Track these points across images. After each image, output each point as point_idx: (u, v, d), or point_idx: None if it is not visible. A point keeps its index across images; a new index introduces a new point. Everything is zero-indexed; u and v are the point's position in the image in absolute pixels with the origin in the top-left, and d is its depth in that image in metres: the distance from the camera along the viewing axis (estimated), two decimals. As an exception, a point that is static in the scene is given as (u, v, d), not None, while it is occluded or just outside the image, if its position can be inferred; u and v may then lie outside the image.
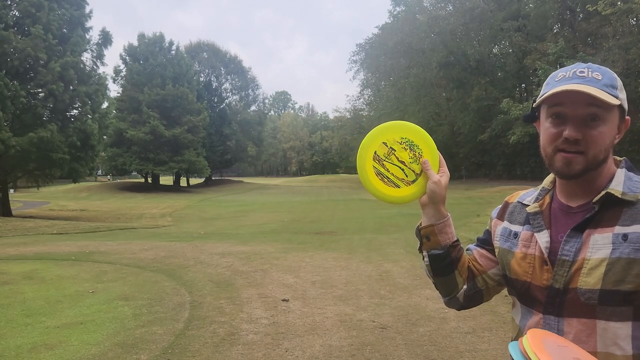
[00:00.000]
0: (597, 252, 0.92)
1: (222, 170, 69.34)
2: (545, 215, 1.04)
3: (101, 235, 13.14)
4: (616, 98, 0.95)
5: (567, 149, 0.96)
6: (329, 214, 19.95)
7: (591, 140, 0.95)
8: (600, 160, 0.97)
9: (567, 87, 0.94)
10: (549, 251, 0.99)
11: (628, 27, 28.40)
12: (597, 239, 0.94)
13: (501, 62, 41.49)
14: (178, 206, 27.67)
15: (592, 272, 0.92)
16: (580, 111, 0.95)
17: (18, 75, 19.58)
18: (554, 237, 1.00)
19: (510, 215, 1.13)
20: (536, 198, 1.09)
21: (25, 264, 7.77)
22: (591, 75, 0.96)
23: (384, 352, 3.80)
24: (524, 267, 1.03)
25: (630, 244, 0.89)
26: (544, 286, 0.98)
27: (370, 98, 52.86)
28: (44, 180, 23.47)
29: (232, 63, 58.30)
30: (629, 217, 0.92)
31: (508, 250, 1.09)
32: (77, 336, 4.20)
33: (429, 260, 1.14)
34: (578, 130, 0.95)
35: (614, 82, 0.97)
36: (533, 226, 1.05)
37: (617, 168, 1.02)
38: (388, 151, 1.15)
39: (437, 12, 41.94)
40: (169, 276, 6.72)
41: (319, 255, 8.39)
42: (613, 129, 0.99)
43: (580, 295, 0.93)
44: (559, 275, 0.96)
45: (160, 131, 41.15)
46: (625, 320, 0.90)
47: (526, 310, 1.05)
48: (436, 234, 1.12)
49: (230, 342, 4.03)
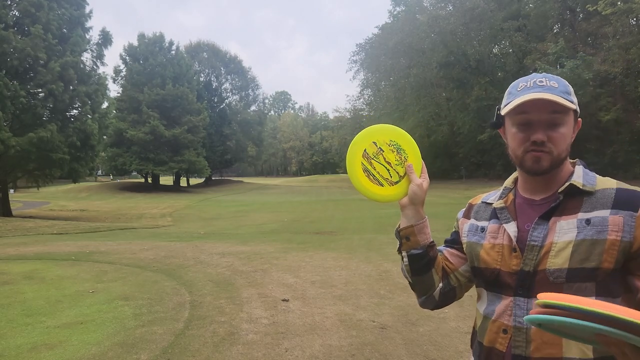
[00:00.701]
0: (563, 236, 1.05)
1: (222, 170, 69.36)
2: (510, 209, 1.17)
3: (101, 235, 13.15)
4: (571, 102, 1.08)
5: (535, 150, 1.08)
6: (328, 214, 19.95)
7: (555, 140, 1.08)
8: (563, 157, 1.10)
9: (533, 96, 1.06)
10: (517, 239, 1.10)
11: (628, 27, 28.41)
12: (562, 224, 1.06)
13: (501, 62, 41.49)
14: (178, 206, 27.68)
15: (559, 253, 1.04)
16: (544, 116, 1.07)
17: (18, 75, 19.58)
18: (521, 227, 1.12)
19: (476, 214, 1.25)
20: (500, 196, 1.21)
21: (26, 264, 7.77)
22: (549, 84, 1.09)
23: (383, 352, 3.80)
24: (492, 256, 1.14)
25: (593, 227, 1.03)
26: (513, 271, 1.09)
27: (370, 98, 52.87)
28: (44, 180, 23.48)
29: (232, 63, 58.32)
30: (590, 205, 1.06)
31: (476, 242, 1.20)
32: (77, 336, 4.21)
33: (408, 260, 1.22)
34: (543, 133, 1.08)
35: (568, 89, 1.10)
36: (500, 219, 1.16)
37: (574, 166, 1.15)
38: (377, 151, 1.22)
39: (437, 12, 41.93)
40: (169, 276, 6.73)
41: (318, 255, 8.39)
42: (570, 130, 1.11)
43: (549, 275, 1.04)
44: (528, 259, 1.07)
45: (160, 131, 41.16)
46: (589, 295, 1.02)
47: (494, 297, 1.14)
48: (415, 234, 1.21)
49: (230, 342, 4.03)
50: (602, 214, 1.03)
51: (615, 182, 1.09)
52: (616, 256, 1.01)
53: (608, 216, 1.03)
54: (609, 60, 27.03)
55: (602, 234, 1.01)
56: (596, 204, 1.05)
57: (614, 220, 1.02)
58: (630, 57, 26.06)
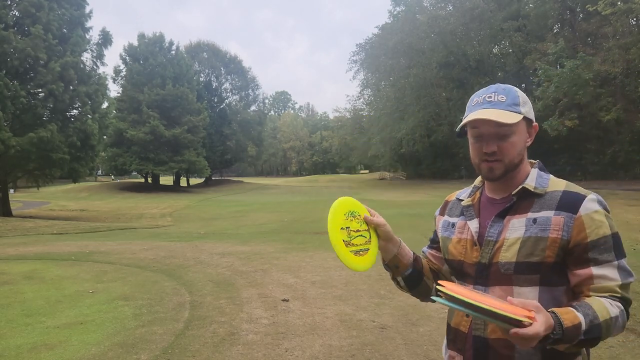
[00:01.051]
0: (514, 232, 1.18)
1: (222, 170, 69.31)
2: (475, 207, 1.32)
3: (101, 235, 13.15)
4: (518, 113, 1.20)
5: (488, 159, 1.22)
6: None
7: (505, 150, 1.20)
8: (515, 163, 1.23)
9: (475, 117, 1.19)
10: (478, 234, 1.26)
11: (628, 27, 28.38)
12: (514, 222, 1.20)
13: (501, 62, 41.48)
14: (178, 206, 27.68)
15: (509, 248, 1.18)
16: (492, 130, 1.20)
17: (18, 75, 19.57)
18: (482, 224, 1.27)
19: (450, 210, 1.41)
20: (469, 194, 1.36)
21: (25, 264, 7.77)
22: (497, 99, 1.21)
23: (383, 352, 3.80)
24: (458, 249, 1.30)
25: (538, 226, 1.16)
26: (474, 263, 1.24)
27: (370, 98, 52.81)
28: (44, 180, 23.47)
29: (232, 63, 58.27)
30: (539, 205, 1.19)
31: (447, 237, 1.36)
32: (77, 336, 4.20)
33: (404, 282, 1.39)
34: (493, 145, 1.20)
35: (517, 100, 1.22)
36: (466, 216, 1.32)
37: (532, 168, 1.27)
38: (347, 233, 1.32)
39: (437, 12, 41.91)
40: (169, 276, 6.72)
41: (318, 255, 8.39)
42: (522, 137, 1.23)
43: (501, 267, 1.19)
44: (485, 253, 1.22)
45: (160, 131, 41.13)
46: (534, 285, 1.16)
47: (460, 284, 1.29)
48: (400, 259, 1.37)
49: (230, 342, 4.03)
50: (547, 214, 1.16)
51: (564, 184, 1.21)
52: (557, 252, 1.14)
53: (552, 216, 1.16)
54: (609, 60, 27.00)
55: (545, 232, 1.15)
56: (544, 205, 1.18)
57: (556, 221, 1.15)
58: (630, 57, 26.02)
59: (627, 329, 4.12)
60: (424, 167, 50.14)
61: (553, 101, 28.65)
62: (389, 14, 49.49)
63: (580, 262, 1.14)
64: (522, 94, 1.24)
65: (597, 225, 1.14)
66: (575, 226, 1.14)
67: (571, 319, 1.04)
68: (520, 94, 1.23)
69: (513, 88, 1.24)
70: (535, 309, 1.00)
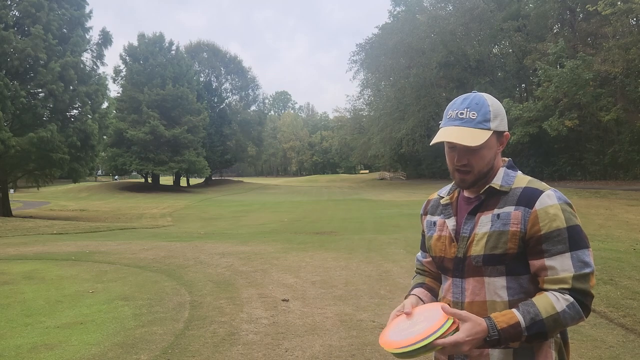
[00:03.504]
0: (482, 228, 1.29)
1: (222, 170, 69.36)
2: (453, 205, 1.41)
3: (101, 235, 13.14)
4: (487, 130, 1.28)
5: (460, 169, 1.32)
6: (329, 214, 19.94)
7: (475, 162, 1.30)
8: (485, 171, 1.32)
9: (444, 139, 1.29)
10: (455, 232, 1.36)
11: (628, 27, 28.37)
12: (483, 219, 1.30)
13: (501, 62, 41.45)
14: (178, 206, 27.68)
15: (478, 242, 1.29)
16: (463, 146, 1.29)
17: (18, 75, 19.58)
18: (459, 221, 1.37)
19: (432, 209, 1.51)
20: (448, 191, 1.46)
21: (25, 264, 7.76)
22: (468, 116, 1.29)
23: (384, 352, 3.79)
24: (438, 246, 1.40)
25: (501, 220, 1.27)
26: (452, 257, 1.35)
27: (370, 98, 52.84)
28: (44, 180, 23.47)
29: (232, 63, 58.30)
30: (503, 202, 1.29)
31: (430, 236, 1.46)
32: (77, 336, 4.20)
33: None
34: (463, 158, 1.31)
35: (487, 115, 1.29)
36: (445, 215, 1.42)
37: (501, 167, 1.36)
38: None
39: (437, 12, 41.90)
40: (169, 276, 6.72)
41: (319, 255, 8.38)
42: (492, 149, 1.32)
43: (472, 260, 1.29)
44: (460, 248, 1.33)
45: (160, 131, 41.14)
46: (501, 275, 1.27)
47: (444, 278, 1.43)
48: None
49: (230, 342, 4.03)
50: (508, 210, 1.27)
51: (526, 181, 1.31)
52: (518, 243, 1.24)
53: (512, 211, 1.26)
54: (609, 60, 26.99)
55: (507, 226, 1.25)
56: (507, 201, 1.29)
57: (515, 215, 1.25)
58: (630, 57, 25.99)
59: (627, 329, 4.12)
60: (424, 167, 50.17)
61: (553, 101, 28.65)
62: (389, 14, 49.58)
63: (535, 253, 1.23)
64: (494, 106, 1.31)
65: (551, 218, 1.22)
66: (531, 219, 1.23)
67: (507, 320, 1.16)
68: (492, 107, 1.30)
69: (487, 101, 1.30)
70: (463, 318, 1.15)
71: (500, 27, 36.25)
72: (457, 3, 40.29)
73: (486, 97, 1.32)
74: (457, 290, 1.34)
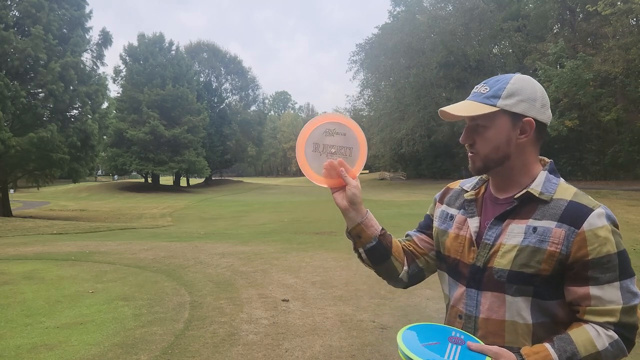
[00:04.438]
0: (511, 239, 1.11)
1: (222, 170, 69.36)
2: (478, 203, 1.24)
3: (101, 235, 13.14)
4: (492, 106, 1.12)
5: (469, 151, 1.19)
6: (329, 214, 19.93)
7: (479, 143, 1.16)
8: (495, 158, 1.16)
9: (443, 109, 1.17)
10: (477, 235, 1.18)
11: (628, 27, 28.37)
12: (513, 228, 1.12)
13: (501, 62, 41.44)
14: (178, 206, 27.67)
15: (505, 255, 1.11)
16: (468, 122, 1.17)
17: (18, 75, 19.58)
18: (482, 223, 1.19)
19: (450, 199, 1.33)
20: (474, 186, 1.28)
21: (25, 264, 7.76)
22: (480, 91, 1.16)
23: (384, 353, 3.79)
24: (455, 246, 1.23)
25: (537, 235, 1.08)
26: (469, 264, 1.18)
27: (370, 98, 52.83)
28: (44, 180, 23.48)
29: (232, 63, 58.31)
30: (541, 213, 1.10)
31: (444, 230, 1.28)
32: (77, 336, 4.20)
33: (366, 254, 1.28)
34: (468, 137, 1.18)
35: (499, 92, 1.13)
36: (467, 212, 1.24)
37: (542, 170, 1.18)
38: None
39: (437, 12, 41.89)
40: (169, 276, 6.72)
41: (319, 256, 8.38)
42: (500, 132, 1.14)
43: (494, 273, 1.12)
44: (480, 256, 1.15)
45: (160, 131, 41.14)
46: (527, 295, 1.09)
47: (454, 283, 1.24)
48: (364, 230, 1.26)
49: (230, 343, 4.02)
50: (549, 225, 1.08)
51: (572, 193, 1.12)
52: (554, 265, 1.07)
53: (553, 228, 1.08)
54: (609, 61, 26.99)
55: (544, 244, 1.07)
56: (546, 213, 1.10)
57: (556, 233, 1.07)
58: (630, 57, 26.00)
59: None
60: (424, 167, 50.16)
61: (553, 101, 28.61)
62: (388, 14, 49.52)
63: (578, 280, 1.06)
64: (517, 85, 1.14)
65: (601, 242, 1.05)
66: (576, 242, 1.05)
67: (540, 358, 1.01)
68: (512, 85, 1.14)
69: (511, 79, 1.14)
70: (494, 355, 1.01)
71: (500, 27, 36.26)
72: (457, 3, 40.28)
73: (517, 76, 1.15)
74: (471, 303, 1.16)
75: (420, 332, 1.08)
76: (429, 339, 1.05)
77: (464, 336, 1.07)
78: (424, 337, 1.06)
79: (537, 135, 1.16)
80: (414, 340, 1.04)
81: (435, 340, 1.05)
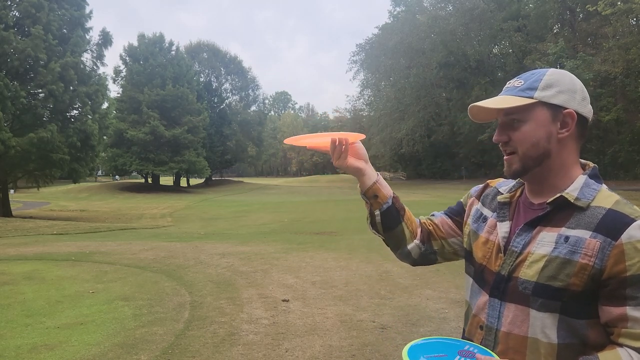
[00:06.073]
0: (541, 247, 1.01)
1: (222, 171, 69.33)
2: (512, 207, 1.14)
3: (101, 235, 13.14)
4: (528, 98, 1.03)
5: (505, 151, 1.08)
6: (329, 214, 19.94)
7: (517, 140, 1.05)
8: (535, 156, 1.05)
9: (473, 104, 1.08)
10: (505, 241, 1.09)
11: (628, 27, 28.40)
12: (544, 236, 1.02)
13: (501, 62, 41.50)
14: (178, 206, 27.68)
15: (532, 265, 1.01)
16: (502, 118, 1.07)
17: (18, 75, 19.59)
18: (513, 229, 1.09)
19: (486, 198, 1.23)
20: (510, 189, 1.18)
21: (26, 264, 7.76)
22: (513, 85, 1.07)
23: (384, 353, 3.79)
24: (483, 251, 1.13)
25: (569, 246, 0.97)
26: (495, 271, 1.08)
27: (370, 98, 52.88)
28: (44, 181, 23.47)
29: (232, 63, 58.30)
30: (575, 221, 0.99)
31: (475, 232, 1.19)
32: (77, 336, 4.20)
33: (381, 217, 1.23)
34: (503, 134, 1.07)
35: (536, 84, 1.04)
36: (499, 215, 1.14)
37: (582, 173, 1.07)
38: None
39: (437, 12, 41.93)
40: (169, 276, 6.72)
41: (319, 256, 8.38)
42: (539, 126, 1.04)
43: (519, 284, 1.01)
44: (506, 264, 1.06)
45: (160, 131, 41.14)
46: (553, 312, 0.98)
47: (477, 289, 1.14)
48: (380, 190, 1.23)
49: (230, 343, 4.03)
50: (582, 235, 0.97)
51: (613, 201, 1.00)
52: (585, 280, 0.95)
53: (587, 238, 0.96)
54: (609, 61, 27.01)
55: (575, 255, 0.96)
56: (581, 222, 0.99)
57: (590, 244, 0.95)
58: (630, 57, 26.03)
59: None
60: (424, 167, 50.19)
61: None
62: (389, 14, 49.60)
63: (614, 298, 0.94)
64: (554, 77, 1.04)
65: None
66: (613, 255, 0.93)
67: None
68: (549, 76, 1.04)
69: (547, 72, 1.06)
70: None
71: (500, 27, 36.29)
72: (457, 3, 40.31)
73: (552, 69, 1.07)
74: (494, 314, 1.07)
75: (429, 347, 0.99)
76: (435, 352, 0.97)
77: (478, 350, 0.97)
78: (431, 351, 0.97)
79: (579, 130, 1.05)
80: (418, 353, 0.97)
81: (442, 353, 0.96)
